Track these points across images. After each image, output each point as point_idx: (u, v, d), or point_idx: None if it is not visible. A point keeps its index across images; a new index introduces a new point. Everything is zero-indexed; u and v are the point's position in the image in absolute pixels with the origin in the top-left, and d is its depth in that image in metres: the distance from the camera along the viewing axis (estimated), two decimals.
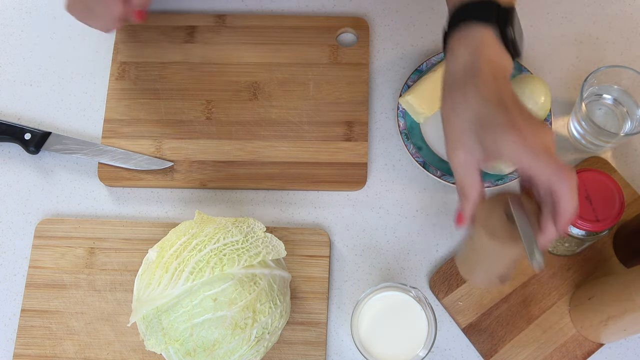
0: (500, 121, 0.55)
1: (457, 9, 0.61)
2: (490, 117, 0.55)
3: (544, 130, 0.55)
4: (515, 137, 0.54)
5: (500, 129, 0.55)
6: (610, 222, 0.66)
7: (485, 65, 0.58)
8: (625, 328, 0.66)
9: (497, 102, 0.56)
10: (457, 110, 0.58)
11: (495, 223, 0.57)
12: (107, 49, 0.88)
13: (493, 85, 0.57)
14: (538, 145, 0.54)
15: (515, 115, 0.55)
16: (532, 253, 0.55)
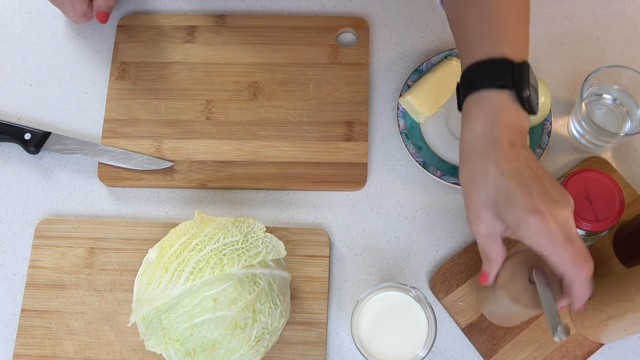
0: (522, 204, 0.55)
1: (471, 66, 0.61)
2: (511, 197, 0.56)
3: (563, 206, 0.56)
4: (536, 222, 0.55)
5: (521, 212, 0.55)
6: (610, 222, 0.66)
7: (504, 135, 0.58)
8: (625, 328, 0.66)
9: (517, 178, 0.56)
10: (478, 185, 0.58)
11: (519, 288, 0.59)
12: (107, 49, 0.88)
13: (512, 156, 0.57)
14: (559, 231, 0.55)
15: (535, 195, 0.55)
16: (555, 327, 0.56)
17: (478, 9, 0.61)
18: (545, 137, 0.78)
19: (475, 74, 0.60)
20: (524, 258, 0.61)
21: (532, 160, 0.58)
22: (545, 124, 0.78)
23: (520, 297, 0.60)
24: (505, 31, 0.60)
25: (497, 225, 0.58)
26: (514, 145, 0.58)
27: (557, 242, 0.55)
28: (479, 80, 0.60)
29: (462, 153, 0.61)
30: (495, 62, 0.59)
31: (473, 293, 0.75)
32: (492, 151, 0.58)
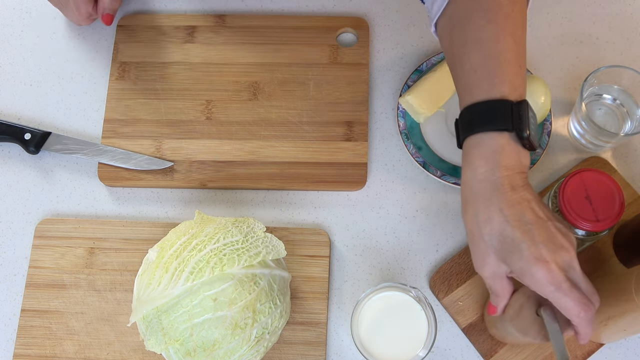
0: (527, 253, 0.56)
1: (470, 107, 0.60)
2: (515, 245, 0.57)
3: (567, 249, 0.57)
4: (541, 272, 0.56)
5: (526, 262, 0.56)
6: (610, 222, 0.65)
7: (505, 178, 0.58)
8: (625, 328, 0.65)
9: (521, 225, 0.57)
10: (482, 230, 0.59)
11: (527, 321, 0.61)
12: (107, 49, 0.88)
13: (515, 200, 0.58)
14: (563, 279, 0.56)
15: (539, 243, 0.56)
16: None
17: (477, 47, 0.60)
18: (545, 137, 0.78)
19: (474, 115, 0.60)
20: (531, 292, 0.62)
21: (535, 202, 0.59)
22: (545, 124, 0.78)
23: (529, 330, 0.61)
24: (504, 72, 0.59)
25: (503, 268, 0.59)
26: (515, 188, 0.58)
27: (562, 290, 0.56)
28: (479, 122, 0.59)
29: (464, 195, 0.61)
30: (495, 103, 0.59)
31: (473, 293, 0.75)
32: (495, 196, 0.58)
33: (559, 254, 0.57)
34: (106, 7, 0.83)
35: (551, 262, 0.56)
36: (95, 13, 0.84)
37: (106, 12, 0.83)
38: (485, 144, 0.59)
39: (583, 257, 0.75)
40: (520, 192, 0.58)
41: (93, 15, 0.85)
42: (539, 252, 0.56)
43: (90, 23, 0.86)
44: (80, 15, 0.84)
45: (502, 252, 0.58)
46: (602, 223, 0.66)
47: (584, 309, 0.57)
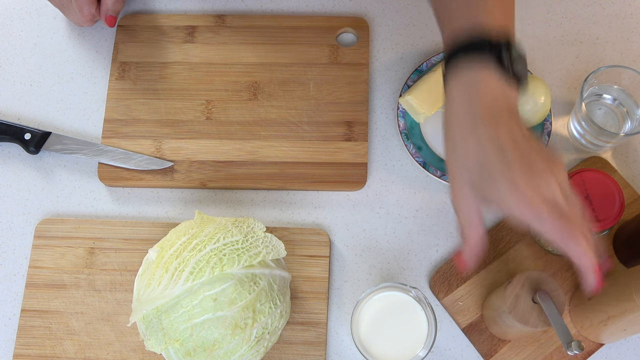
0: (503, 181, 0.54)
1: (450, 38, 0.59)
2: (492, 174, 0.55)
3: (547, 177, 0.54)
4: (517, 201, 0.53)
5: (503, 190, 0.54)
6: (610, 222, 0.66)
7: (485, 110, 0.56)
8: (625, 328, 0.66)
9: (498, 154, 0.54)
10: (460, 161, 0.57)
11: (524, 309, 0.62)
12: (107, 49, 0.88)
13: (492, 129, 0.55)
14: (541, 207, 0.53)
15: (516, 170, 0.54)
16: (568, 343, 0.59)
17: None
18: (545, 137, 0.78)
19: (454, 46, 0.58)
20: (524, 280, 0.63)
21: (516, 127, 0.56)
22: (545, 124, 0.78)
23: (528, 318, 0.62)
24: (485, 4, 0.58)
25: (479, 200, 0.57)
26: (496, 119, 0.56)
27: (543, 221, 0.53)
28: (458, 54, 0.58)
29: (444, 128, 0.59)
30: (475, 34, 0.57)
31: (473, 293, 0.75)
32: (473, 124, 0.56)
33: (539, 179, 0.53)
34: (109, 9, 0.83)
35: (527, 188, 0.53)
36: (98, 14, 0.84)
37: (109, 14, 0.83)
38: (465, 76, 0.57)
39: None
40: (500, 124, 0.56)
41: (96, 17, 0.85)
42: (514, 178, 0.53)
43: (93, 24, 0.86)
44: (84, 17, 0.83)
45: (479, 182, 0.56)
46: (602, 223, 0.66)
47: (569, 234, 0.53)
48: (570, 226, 0.53)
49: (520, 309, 0.62)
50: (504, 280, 0.73)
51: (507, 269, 0.76)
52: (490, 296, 0.72)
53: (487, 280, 0.75)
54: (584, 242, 0.54)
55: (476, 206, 0.57)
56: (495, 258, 0.76)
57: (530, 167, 0.54)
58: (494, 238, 0.77)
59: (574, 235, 0.53)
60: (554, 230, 0.53)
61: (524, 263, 0.76)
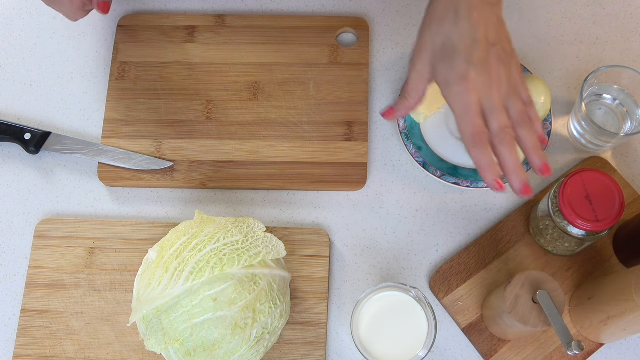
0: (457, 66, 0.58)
1: None
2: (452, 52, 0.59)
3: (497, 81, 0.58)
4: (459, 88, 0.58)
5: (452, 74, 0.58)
6: (610, 222, 0.66)
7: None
8: (625, 328, 0.66)
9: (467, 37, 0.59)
10: (433, 24, 0.61)
11: (524, 310, 0.62)
12: (107, 49, 0.88)
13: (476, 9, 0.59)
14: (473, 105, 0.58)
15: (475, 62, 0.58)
16: (568, 343, 0.60)
17: None
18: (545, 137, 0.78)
19: None
20: (524, 280, 0.63)
21: (495, 23, 0.59)
22: (545, 124, 0.78)
23: (528, 319, 0.62)
24: None
25: (429, 72, 0.61)
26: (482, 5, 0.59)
27: (467, 115, 0.58)
28: None
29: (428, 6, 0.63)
30: None
31: (473, 293, 0.75)
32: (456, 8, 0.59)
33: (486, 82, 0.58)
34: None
35: (473, 84, 0.58)
36: (89, 3, 0.77)
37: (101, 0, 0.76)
38: None
39: (583, 257, 0.76)
40: (486, 4, 0.59)
41: (87, 6, 0.78)
42: (467, 71, 0.58)
43: (86, 15, 0.79)
44: (73, 5, 0.76)
45: (438, 55, 0.60)
46: (602, 223, 0.66)
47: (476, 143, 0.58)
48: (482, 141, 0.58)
49: (520, 309, 0.62)
50: (504, 280, 0.73)
51: (507, 269, 0.76)
52: (490, 296, 0.72)
53: (487, 280, 0.75)
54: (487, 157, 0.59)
55: (427, 77, 0.62)
56: (495, 258, 0.76)
57: (489, 69, 0.59)
58: (494, 238, 0.77)
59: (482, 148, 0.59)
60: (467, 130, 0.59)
61: (524, 263, 0.76)
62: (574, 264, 0.76)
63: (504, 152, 0.60)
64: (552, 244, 0.73)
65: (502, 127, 0.59)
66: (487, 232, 0.77)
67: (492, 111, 0.59)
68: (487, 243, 0.77)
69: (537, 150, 0.61)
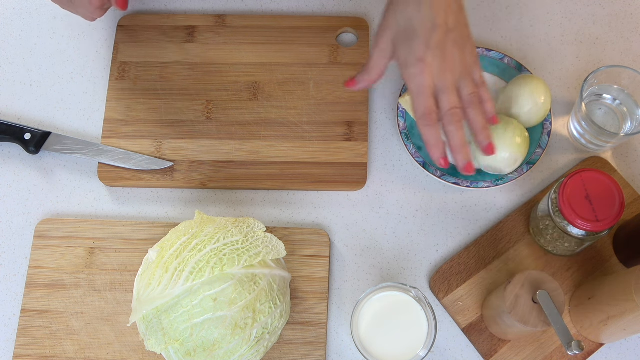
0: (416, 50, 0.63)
1: None
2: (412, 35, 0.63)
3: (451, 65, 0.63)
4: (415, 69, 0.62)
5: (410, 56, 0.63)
6: (610, 222, 0.66)
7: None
8: (625, 328, 0.66)
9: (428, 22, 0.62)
10: (397, 8, 0.65)
11: (524, 310, 0.63)
12: (107, 49, 0.88)
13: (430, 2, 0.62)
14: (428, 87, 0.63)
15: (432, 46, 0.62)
16: (568, 343, 0.60)
17: None
18: (545, 137, 0.78)
19: None
20: (524, 280, 0.63)
21: (456, 8, 0.63)
22: (545, 124, 0.78)
23: (528, 318, 0.62)
24: None
25: (391, 49, 0.66)
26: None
27: (421, 95, 0.63)
28: None
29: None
30: None
31: (473, 293, 0.75)
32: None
33: (441, 65, 0.63)
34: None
35: (429, 67, 0.62)
36: (108, 1, 0.77)
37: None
38: None
39: (583, 257, 0.76)
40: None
41: (106, 4, 0.77)
42: (425, 54, 0.62)
43: (104, 14, 0.78)
44: (92, 5, 0.76)
45: (399, 36, 0.64)
46: (602, 223, 0.66)
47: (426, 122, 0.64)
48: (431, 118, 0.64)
49: (520, 309, 0.62)
50: (504, 280, 0.73)
51: (507, 269, 0.76)
52: (490, 296, 0.72)
53: (487, 280, 0.75)
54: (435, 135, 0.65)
55: (389, 56, 0.67)
56: (495, 258, 0.76)
57: (444, 53, 0.63)
58: (494, 238, 0.77)
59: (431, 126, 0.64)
60: (419, 109, 0.64)
61: (524, 263, 0.76)
62: (574, 264, 0.76)
63: (451, 130, 0.65)
64: (552, 244, 0.73)
65: (452, 107, 0.64)
66: (487, 232, 0.77)
67: (444, 92, 0.64)
68: (487, 243, 0.77)
69: (484, 131, 0.66)
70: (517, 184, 0.80)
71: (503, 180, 0.77)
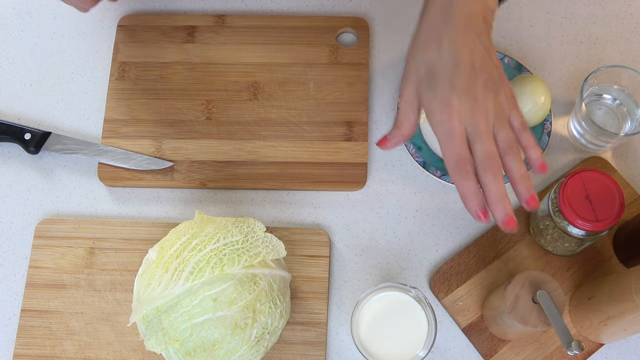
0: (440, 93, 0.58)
1: None
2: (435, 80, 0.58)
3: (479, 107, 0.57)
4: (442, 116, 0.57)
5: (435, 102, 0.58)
6: (610, 222, 0.66)
7: (460, 12, 0.58)
8: (625, 328, 0.66)
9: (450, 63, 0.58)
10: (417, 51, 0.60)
11: (524, 309, 0.62)
12: (107, 49, 0.88)
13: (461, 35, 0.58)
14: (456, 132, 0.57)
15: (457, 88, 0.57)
16: (568, 343, 0.60)
17: None
18: (545, 137, 0.78)
19: None
20: (524, 280, 0.63)
21: (481, 48, 0.58)
22: (545, 124, 0.78)
23: (528, 318, 0.62)
24: None
25: (417, 101, 0.61)
26: (469, 26, 0.58)
27: (451, 142, 0.57)
28: None
29: (420, 21, 0.62)
30: None
31: (473, 293, 0.75)
32: (443, 26, 0.58)
33: (470, 109, 0.57)
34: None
35: (456, 112, 0.57)
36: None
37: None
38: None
39: (583, 257, 0.76)
40: (472, 31, 0.58)
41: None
42: (450, 98, 0.57)
43: (96, 4, 0.78)
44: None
45: (422, 82, 0.59)
46: (602, 223, 0.66)
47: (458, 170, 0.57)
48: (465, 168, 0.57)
49: (520, 309, 0.62)
50: (504, 280, 0.73)
51: (507, 269, 0.76)
52: (490, 296, 0.72)
53: (487, 280, 0.75)
54: (470, 186, 0.57)
55: (416, 105, 0.61)
56: (495, 258, 0.76)
57: (475, 96, 0.58)
58: (494, 238, 0.77)
59: (459, 171, 0.57)
60: (451, 156, 0.58)
61: (524, 263, 0.76)
62: (574, 264, 0.76)
63: (488, 180, 0.58)
64: (552, 244, 0.73)
65: (487, 154, 0.57)
66: (487, 232, 0.77)
67: (477, 138, 0.57)
68: (487, 243, 0.77)
69: (523, 180, 0.59)
70: None
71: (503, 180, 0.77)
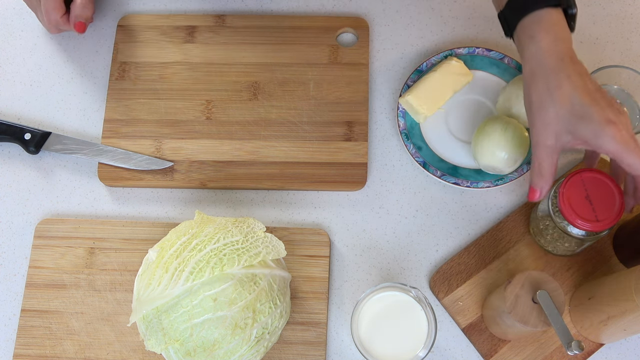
0: (597, 117, 0.61)
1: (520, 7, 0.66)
2: (585, 111, 0.62)
3: (624, 114, 0.63)
4: (612, 132, 0.61)
5: (598, 125, 0.61)
6: (610, 222, 0.65)
7: (567, 50, 0.64)
8: (625, 328, 0.66)
9: (588, 94, 0.62)
10: (554, 96, 0.63)
11: (524, 310, 0.63)
12: (107, 49, 0.88)
13: (578, 71, 0.63)
14: (630, 138, 0.62)
15: (606, 108, 0.62)
16: (568, 343, 0.60)
17: None
18: None
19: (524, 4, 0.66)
20: (524, 280, 0.63)
21: (588, 74, 0.65)
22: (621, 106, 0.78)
23: (528, 318, 0.62)
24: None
25: (564, 139, 0.64)
26: (574, 60, 0.64)
27: (630, 148, 0.61)
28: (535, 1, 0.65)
29: (530, 69, 0.65)
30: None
31: (473, 293, 0.75)
32: (561, 66, 0.63)
33: (621, 118, 0.62)
34: (78, 15, 0.81)
35: (618, 123, 0.61)
36: (65, 24, 0.82)
37: (78, 20, 0.81)
38: (544, 19, 0.65)
39: (583, 257, 0.76)
40: (578, 64, 0.64)
41: (61, 26, 0.82)
42: (607, 115, 0.61)
43: (58, 32, 0.84)
44: (49, 22, 0.81)
45: (570, 119, 0.63)
46: (602, 223, 0.66)
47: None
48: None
49: (520, 309, 0.62)
50: (504, 280, 0.73)
51: (507, 269, 0.76)
52: (490, 296, 0.72)
53: (487, 280, 0.75)
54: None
55: (560, 142, 0.64)
56: (495, 258, 0.76)
57: (614, 106, 0.63)
58: (494, 238, 0.77)
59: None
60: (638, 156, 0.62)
61: (524, 263, 0.76)
62: (574, 264, 0.76)
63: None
64: (552, 244, 0.73)
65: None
66: (487, 232, 0.77)
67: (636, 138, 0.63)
68: (487, 243, 0.77)
69: None
70: (517, 184, 0.80)
71: (503, 180, 0.77)
